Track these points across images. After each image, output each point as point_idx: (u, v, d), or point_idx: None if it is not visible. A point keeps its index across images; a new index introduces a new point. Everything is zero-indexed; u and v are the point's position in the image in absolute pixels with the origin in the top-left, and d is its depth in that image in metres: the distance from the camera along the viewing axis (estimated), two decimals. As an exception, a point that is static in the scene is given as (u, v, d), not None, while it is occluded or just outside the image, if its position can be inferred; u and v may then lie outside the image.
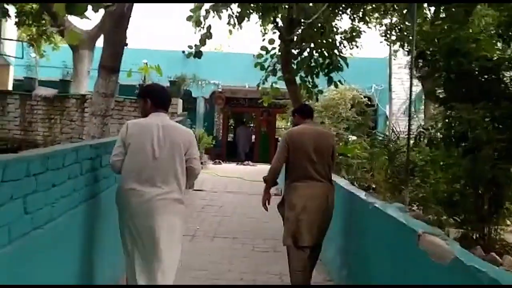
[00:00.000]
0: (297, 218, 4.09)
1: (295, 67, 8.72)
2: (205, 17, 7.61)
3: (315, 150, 4.11)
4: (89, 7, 4.02)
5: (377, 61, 16.72)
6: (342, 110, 13.05)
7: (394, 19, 11.70)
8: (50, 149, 3.05)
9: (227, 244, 6.31)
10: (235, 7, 10.23)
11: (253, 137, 20.83)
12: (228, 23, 10.52)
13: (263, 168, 14.54)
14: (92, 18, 8.26)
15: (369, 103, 14.87)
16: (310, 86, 8.72)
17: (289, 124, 27.22)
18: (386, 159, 7.94)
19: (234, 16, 10.41)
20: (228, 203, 9.23)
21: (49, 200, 2.70)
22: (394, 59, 13.87)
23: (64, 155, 2.99)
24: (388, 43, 11.91)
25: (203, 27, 7.74)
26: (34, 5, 12.00)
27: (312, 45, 8.35)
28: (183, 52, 17.34)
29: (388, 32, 11.67)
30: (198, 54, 7.54)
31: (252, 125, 21.91)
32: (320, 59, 8.31)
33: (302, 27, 7.93)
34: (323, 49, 8.05)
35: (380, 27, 11.79)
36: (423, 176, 6.67)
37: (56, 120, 11.29)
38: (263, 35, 9.18)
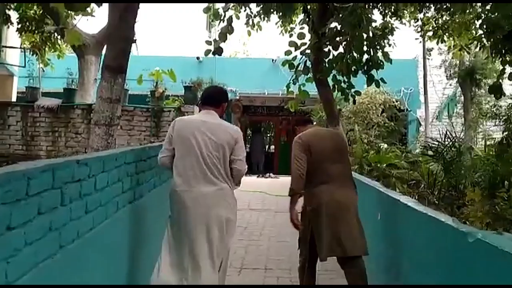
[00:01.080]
0: (326, 226, 3.69)
1: (326, 65, 7.61)
2: (225, 9, 6.56)
3: (334, 150, 3.90)
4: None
5: (405, 63, 15.54)
6: (373, 115, 11.90)
7: (431, 13, 10.53)
8: (90, 155, 2.99)
9: (259, 277, 5.21)
10: (254, 7, 9.35)
11: (272, 146, 19.77)
12: (247, 24, 9.55)
13: (286, 181, 13.47)
14: (95, 15, 7.28)
15: (400, 107, 13.72)
16: (345, 86, 7.59)
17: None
18: (441, 169, 6.77)
19: (253, 16, 9.50)
20: (254, 224, 8.11)
21: (92, 207, 2.71)
22: (429, 59, 12.67)
23: (104, 160, 2.94)
24: (424, 39, 10.74)
25: (223, 20, 6.71)
26: (37, 10, 11.12)
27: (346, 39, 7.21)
28: (197, 58, 16.63)
29: (424, 27, 10.50)
30: (218, 51, 6.46)
31: (270, 134, 20.86)
32: (357, 55, 7.17)
33: (336, 17, 6.87)
34: (362, 43, 6.90)
35: (415, 22, 10.62)
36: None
37: (61, 133, 10.35)
38: (290, 31, 8.09)
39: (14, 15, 11.12)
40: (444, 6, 9.87)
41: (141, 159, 3.81)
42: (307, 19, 7.48)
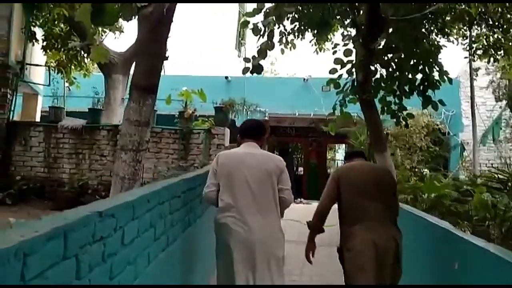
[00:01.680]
0: (361, 269, 3.35)
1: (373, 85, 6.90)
2: (265, 24, 5.90)
3: (374, 186, 3.55)
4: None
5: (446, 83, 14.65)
6: (416, 139, 11.05)
7: (479, 31, 9.76)
8: (148, 190, 2.77)
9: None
10: (288, 24, 8.74)
11: (300, 169, 18.98)
12: (280, 41, 8.93)
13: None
14: (124, 31, 6.74)
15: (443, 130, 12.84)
16: (396, 108, 6.84)
17: (340, 154, 25.35)
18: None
19: (286, 33, 8.89)
20: (292, 259, 7.28)
21: (148, 241, 2.55)
22: (475, 79, 11.80)
23: (158, 193, 2.79)
24: (473, 58, 9.93)
25: (262, 35, 6.06)
26: (64, 27, 10.76)
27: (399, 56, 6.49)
28: (226, 77, 16.11)
29: (473, 45, 9.72)
30: (257, 69, 5.78)
31: (298, 156, 20.09)
32: (412, 74, 6.43)
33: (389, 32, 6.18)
34: (419, 60, 6.16)
35: (464, 39, 9.85)
36: None
37: (85, 155, 9.83)
38: (334, 47, 7.39)
39: (39, 32, 10.79)
40: (497, 23, 9.14)
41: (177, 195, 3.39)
42: (355, 33, 6.77)
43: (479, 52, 9.83)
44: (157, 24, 5.04)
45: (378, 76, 6.88)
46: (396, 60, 6.43)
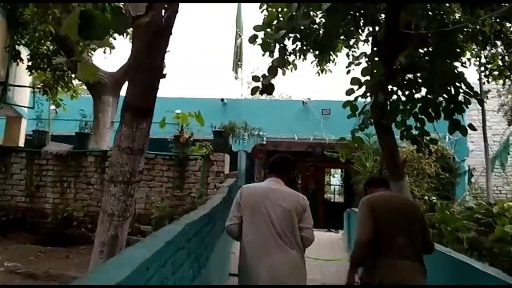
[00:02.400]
0: None
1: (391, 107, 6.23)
2: (277, 38, 5.22)
3: (405, 219, 3.47)
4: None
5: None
6: (426, 165, 10.37)
7: (492, 50, 9.18)
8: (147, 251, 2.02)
9: None
10: (289, 44, 8.14)
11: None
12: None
13: (323, 238, 11.90)
14: (115, 48, 6.04)
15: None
16: (417, 133, 6.16)
17: (337, 179, 24.62)
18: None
19: (289, 52, 8.27)
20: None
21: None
22: (486, 102, 11.19)
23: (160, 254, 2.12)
24: (487, 80, 9.33)
25: (273, 52, 5.40)
26: (51, 45, 10.04)
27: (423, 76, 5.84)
28: (222, 100, 15.46)
29: (488, 66, 9.13)
30: (268, 89, 5.09)
31: (297, 180, 19.35)
32: (437, 95, 5.76)
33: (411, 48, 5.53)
34: (446, 81, 5.49)
35: (477, 60, 9.26)
36: None
37: (70, 184, 9.01)
38: (348, 65, 6.75)
39: (24, 52, 10.06)
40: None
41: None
42: (373, 50, 6.14)
43: (494, 73, 9.23)
44: (154, 36, 4.33)
45: (394, 97, 6.25)
46: (418, 79, 5.78)
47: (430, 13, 5.65)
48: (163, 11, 4.34)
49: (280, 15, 6.36)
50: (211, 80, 38.80)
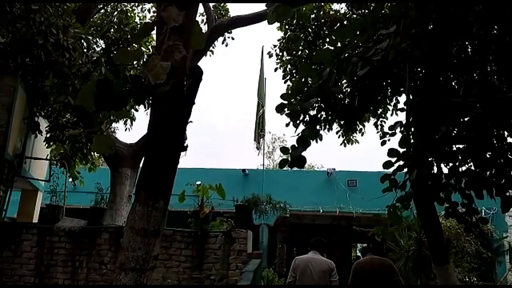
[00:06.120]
0: None
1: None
2: (307, 106, 4.79)
3: (379, 276, 5.46)
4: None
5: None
6: (466, 243, 9.51)
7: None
8: None
9: None
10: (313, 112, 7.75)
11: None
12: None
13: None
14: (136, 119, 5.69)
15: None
16: (464, 211, 5.47)
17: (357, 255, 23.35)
18: None
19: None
20: None
21: None
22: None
23: None
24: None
25: (302, 121, 4.95)
26: (70, 117, 9.87)
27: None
28: (243, 171, 15.03)
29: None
30: (298, 162, 4.54)
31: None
32: (485, 168, 5.13)
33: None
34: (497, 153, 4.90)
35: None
36: None
37: (82, 263, 8.39)
38: (383, 136, 6.25)
39: (43, 123, 9.89)
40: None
41: None
42: (409, 117, 5.63)
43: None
44: (175, 105, 3.92)
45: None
46: (467, 151, 5.21)
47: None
48: (186, 79, 3.97)
49: (309, 83, 5.98)
50: (232, 150, 38.73)
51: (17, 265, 8.55)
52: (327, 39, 9.37)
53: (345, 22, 9.42)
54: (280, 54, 10.27)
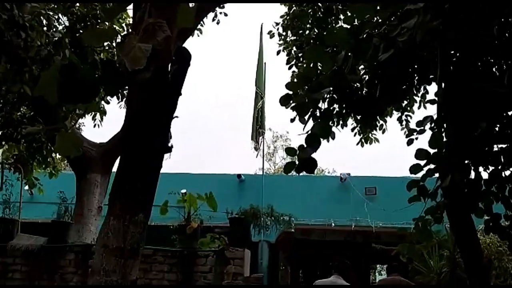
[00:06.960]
0: None
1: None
2: (317, 98, 4.86)
3: None
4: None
5: None
6: (508, 262, 9.76)
7: None
8: None
9: None
10: (323, 105, 7.89)
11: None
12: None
13: None
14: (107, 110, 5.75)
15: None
16: (507, 225, 5.56)
17: (384, 275, 23.58)
18: None
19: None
20: None
21: None
22: None
23: None
24: None
25: (312, 116, 5.03)
26: (26, 111, 9.95)
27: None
28: (238, 176, 15.16)
29: None
30: (307, 165, 4.56)
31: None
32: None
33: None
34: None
35: None
36: None
37: (42, 289, 8.50)
38: (409, 134, 6.31)
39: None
40: None
41: None
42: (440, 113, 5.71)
43: None
44: (157, 96, 3.97)
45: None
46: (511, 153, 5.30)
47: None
48: (170, 64, 4.01)
49: (319, 69, 6.07)
50: (225, 151, 38.92)
51: (-38, 293, 8.65)
52: (341, 16, 9.47)
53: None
54: (284, 33, 10.36)
